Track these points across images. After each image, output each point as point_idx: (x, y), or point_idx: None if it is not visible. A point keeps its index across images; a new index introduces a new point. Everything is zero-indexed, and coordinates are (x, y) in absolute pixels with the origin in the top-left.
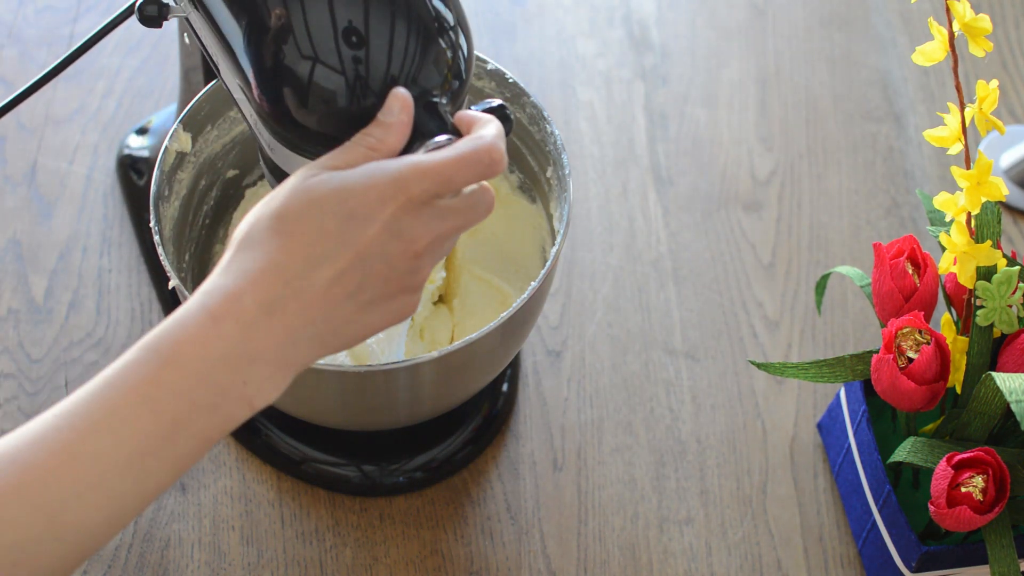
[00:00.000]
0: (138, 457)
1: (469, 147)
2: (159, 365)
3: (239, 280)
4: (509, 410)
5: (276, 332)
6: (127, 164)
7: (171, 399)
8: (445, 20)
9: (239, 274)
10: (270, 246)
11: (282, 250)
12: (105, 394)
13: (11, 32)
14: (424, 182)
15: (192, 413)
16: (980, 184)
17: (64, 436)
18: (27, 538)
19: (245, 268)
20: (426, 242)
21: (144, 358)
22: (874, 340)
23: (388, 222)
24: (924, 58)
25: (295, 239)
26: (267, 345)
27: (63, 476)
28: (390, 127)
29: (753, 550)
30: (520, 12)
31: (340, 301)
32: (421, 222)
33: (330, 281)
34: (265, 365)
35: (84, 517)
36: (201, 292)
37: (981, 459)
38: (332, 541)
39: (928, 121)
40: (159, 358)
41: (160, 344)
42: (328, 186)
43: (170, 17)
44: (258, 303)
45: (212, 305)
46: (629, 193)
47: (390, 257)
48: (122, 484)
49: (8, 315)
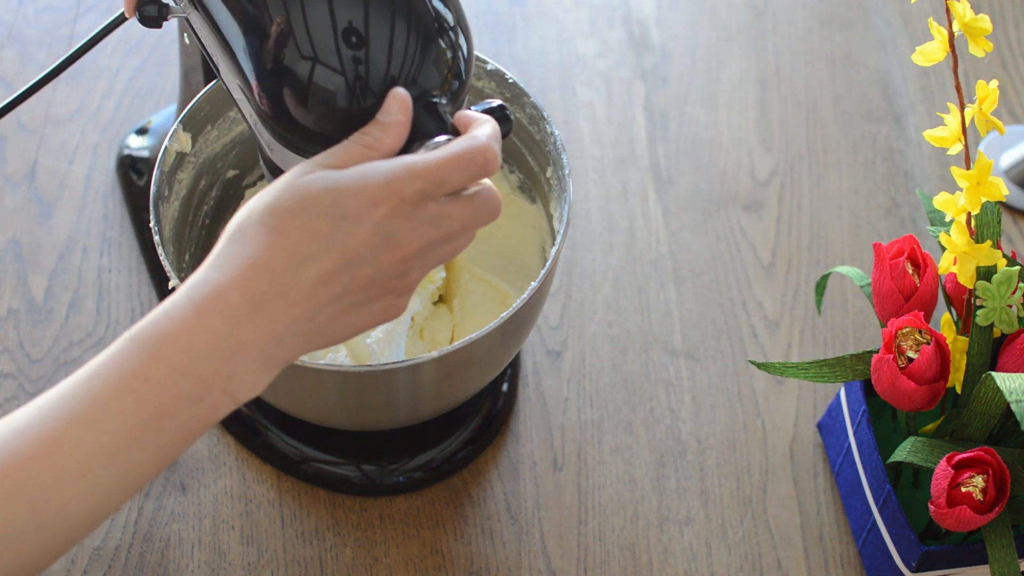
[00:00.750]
0: (122, 448)
1: (462, 147)
2: (144, 357)
3: (226, 274)
4: (509, 410)
5: (260, 328)
6: (127, 164)
7: (155, 391)
8: (445, 20)
9: (227, 268)
10: (259, 241)
11: (271, 247)
12: (90, 385)
13: (11, 32)
14: (417, 182)
15: (176, 405)
16: (980, 184)
17: (48, 427)
18: (9, 528)
19: (233, 262)
20: (416, 247)
21: (129, 349)
22: (874, 340)
23: (378, 224)
24: (924, 58)
25: (284, 236)
26: (251, 340)
27: (47, 466)
28: (388, 127)
29: (753, 550)
30: (520, 12)
31: (326, 301)
32: (412, 226)
33: (317, 280)
34: (249, 359)
35: (67, 507)
36: (188, 285)
37: (981, 459)
38: (332, 541)
39: (928, 121)
40: (144, 350)
41: (145, 336)
42: (321, 185)
43: (170, 17)
44: (244, 299)
45: (198, 298)
46: (629, 193)
47: (378, 260)
48: (106, 475)
49: (8, 315)
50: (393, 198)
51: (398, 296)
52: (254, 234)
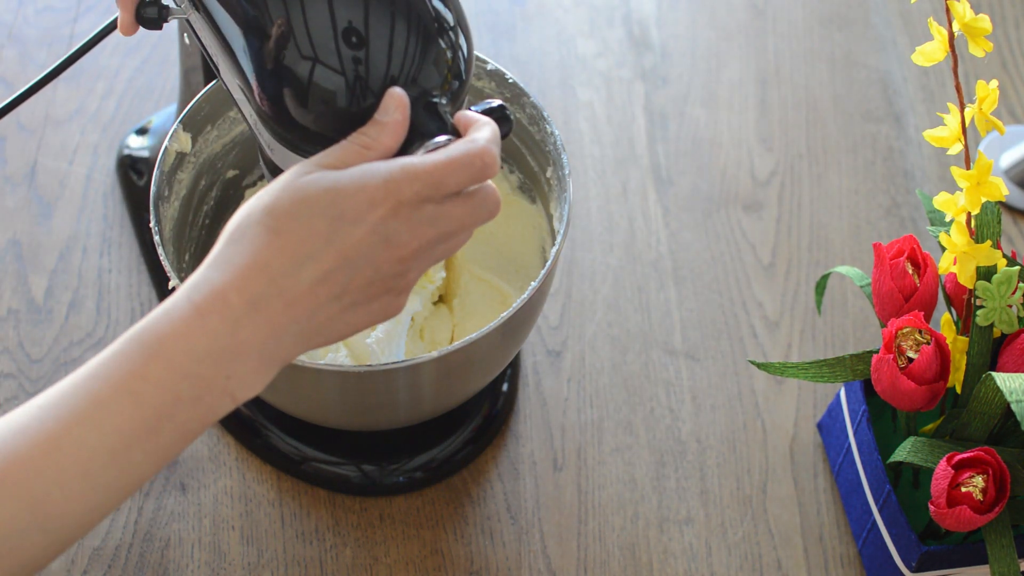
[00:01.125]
0: (122, 448)
1: (461, 150)
2: (144, 358)
3: (225, 275)
4: (509, 410)
5: (260, 328)
6: (127, 164)
7: (155, 391)
8: (445, 20)
9: (226, 269)
10: (258, 242)
11: (270, 247)
12: (89, 385)
13: (11, 32)
14: (415, 184)
15: (175, 405)
16: (980, 184)
17: (48, 427)
18: (10, 528)
19: (232, 263)
20: (415, 246)
21: (128, 350)
22: (874, 340)
23: (376, 225)
24: (924, 58)
25: (283, 237)
26: (251, 340)
27: (46, 466)
28: (385, 126)
29: (753, 550)
30: (520, 12)
31: (324, 300)
32: (410, 227)
33: (315, 281)
34: (248, 360)
35: (67, 507)
36: (188, 285)
37: (981, 459)
38: (332, 541)
39: (928, 121)
40: (144, 351)
41: (145, 336)
42: (319, 185)
43: (170, 19)
44: (243, 299)
45: (198, 299)
46: (629, 193)
47: (376, 260)
48: (105, 475)
49: (8, 315)
50: (391, 199)
51: (397, 295)
52: (253, 235)
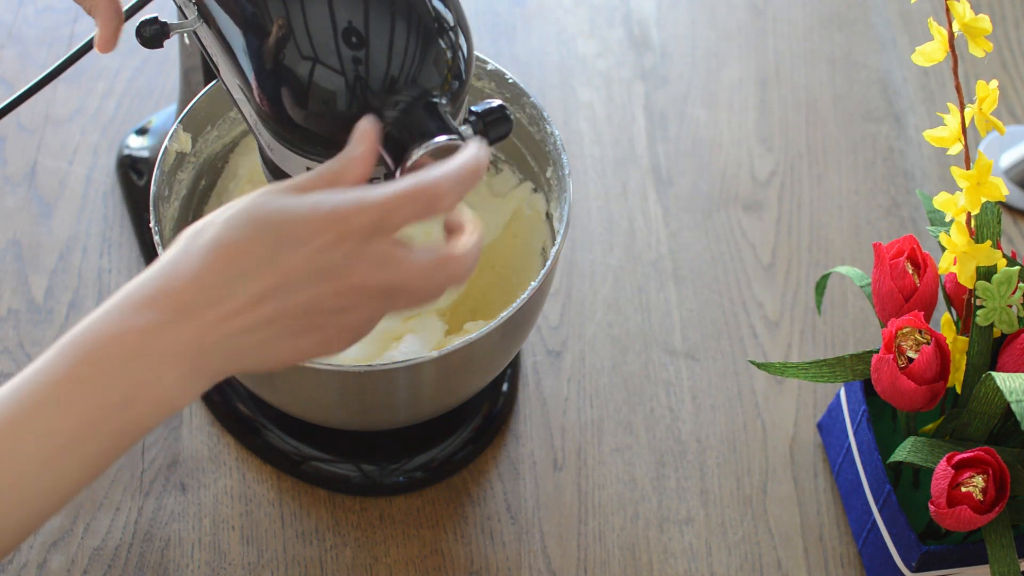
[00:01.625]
0: (55, 456)
1: (409, 184)
2: (76, 359)
3: (161, 280)
4: (509, 410)
5: (188, 335)
6: (127, 164)
7: (84, 396)
8: (445, 21)
9: (166, 273)
10: (200, 253)
11: (210, 258)
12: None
13: (11, 32)
14: (362, 216)
15: (106, 410)
16: (980, 184)
17: None
18: None
19: (174, 268)
20: (354, 282)
21: (63, 353)
22: (874, 340)
23: (318, 251)
24: (924, 58)
25: (223, 250)
26: (177, 347)
27: None
28: (352, 160)
29: (753, 550)
30: (520, 12)
31: (256, 322)
32: (353, 260)
33: (250, 298)
34: (176, 366)
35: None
36: (129, 286)
37: (981, 459)
38: (332, 541)
39: (928, 121)
40: (76, 351)
41: (78, 338)
42: (272, 207)
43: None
44: (174, 304)
45: (136, 298)
46: (629, 193)
47: (313, 288)
48: (39, 483)
49: (8, 315)
50: (336, 227)
51: (336, 333)
52: (198, 245)
